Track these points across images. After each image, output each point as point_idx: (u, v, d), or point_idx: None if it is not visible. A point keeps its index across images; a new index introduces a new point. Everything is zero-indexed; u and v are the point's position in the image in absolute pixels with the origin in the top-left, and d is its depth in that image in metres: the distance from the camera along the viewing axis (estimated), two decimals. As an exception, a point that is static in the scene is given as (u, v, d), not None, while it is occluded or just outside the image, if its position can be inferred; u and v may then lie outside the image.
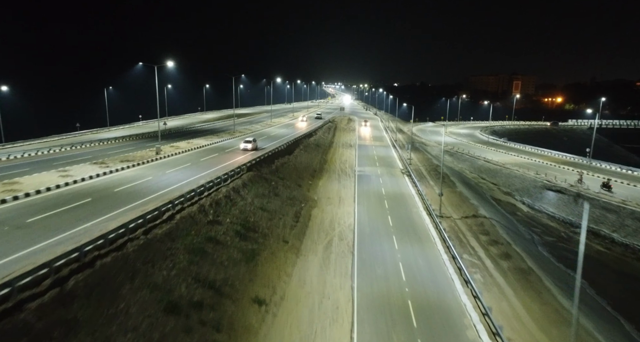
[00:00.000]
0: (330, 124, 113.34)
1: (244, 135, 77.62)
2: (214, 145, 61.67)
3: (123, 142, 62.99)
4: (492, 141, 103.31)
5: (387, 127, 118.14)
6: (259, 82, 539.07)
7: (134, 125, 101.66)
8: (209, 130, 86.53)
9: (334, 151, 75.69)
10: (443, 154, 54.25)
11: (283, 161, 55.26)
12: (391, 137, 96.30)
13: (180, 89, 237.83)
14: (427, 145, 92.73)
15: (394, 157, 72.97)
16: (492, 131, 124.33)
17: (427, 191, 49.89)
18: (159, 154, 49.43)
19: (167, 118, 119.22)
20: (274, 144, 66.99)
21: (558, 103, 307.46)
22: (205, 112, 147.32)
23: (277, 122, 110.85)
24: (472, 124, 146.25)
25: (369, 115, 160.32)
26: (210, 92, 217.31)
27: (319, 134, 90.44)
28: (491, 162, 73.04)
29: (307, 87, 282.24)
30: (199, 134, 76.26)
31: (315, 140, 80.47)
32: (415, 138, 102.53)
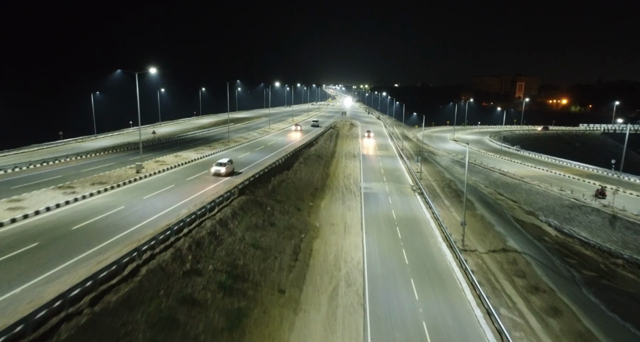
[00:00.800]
0: (332, 130, 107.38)
1: (239, 145, 71.77)
2: (205, 159, 55.76)
3: (104, 156, 57.06)
4: (505, 149, 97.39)
5: (392, 133, 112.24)
6: (259, 84, 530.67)
7: (124, 131, 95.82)
8: (201, 139, 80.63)
9: (336, 163, 69.76)
10: (466, 180, 48.04)
11: (281, 179, 49.34)
12: (397, 145, 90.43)
13: (177, 93, 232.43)
14: (436, 154, 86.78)
15: (402, 170, 66.98)
16: (502, 137, 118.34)
17: (443, 214, 43.94)
18: (139, 173, 43.52)
19: (159, 124, 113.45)
20: (271, 157, 61.20)
21: (563, 105, 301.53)
22: (201, 116, 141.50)
23: (275, 128, 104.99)
24: (479, 129, 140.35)
25: (371, 120, 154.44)
26: (207, 96, 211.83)
27: (320, 143, 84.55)
28: (508, 175, 67.12)
29: (307, 89, 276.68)
30: (190, 145, 70.33)
31: (317, 151, 74.55)
32: (420, 145, 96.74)
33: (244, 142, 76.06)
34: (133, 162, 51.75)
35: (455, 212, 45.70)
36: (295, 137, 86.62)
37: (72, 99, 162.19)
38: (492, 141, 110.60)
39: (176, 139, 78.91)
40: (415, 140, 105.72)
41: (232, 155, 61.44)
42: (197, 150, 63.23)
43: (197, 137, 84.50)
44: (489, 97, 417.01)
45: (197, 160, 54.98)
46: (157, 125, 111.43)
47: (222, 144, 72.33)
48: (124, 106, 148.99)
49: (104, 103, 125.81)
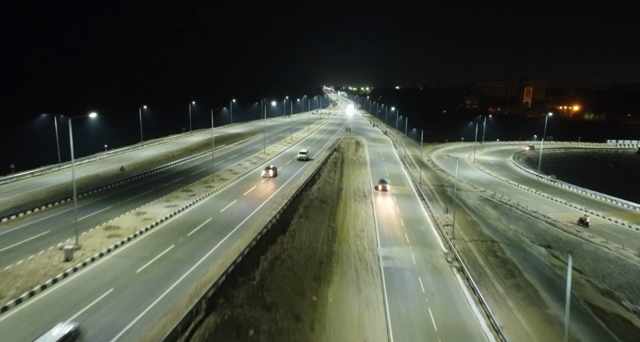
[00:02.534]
0: (336, 154, 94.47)
1: (226, 185, 58.66)
2: (177, 219, 42.91)
3: (44, 213, 43.89)
4: (536, 178, 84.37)
5: (404, 157, 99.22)
6: (258, 89, 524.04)
7: (97, 157, 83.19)
8: (182, 173, 67.64)
9: (344, 209, 56.81)
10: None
11: (273, 255, 36.39)
12: (413, 176, 77.40)
13: (167, 105, 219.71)
14: (460, 188, 73.73)
15: (427, 221, 53.78)
16: (526, 159, 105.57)
17: (502, 316, 30.98)
18: (69, 261, 30.61)
19: (140, 146, 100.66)
20: (264, 206, 48.31)
21: (575, 112, 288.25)
22: (191, 132, 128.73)
23: (272, 152, 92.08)
24: (497, 146, 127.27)
25: (377, 135, 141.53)
26: (201, 107, 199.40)
27: (324, 176, 71.64)
28: (557, 225, 54.20)
29: (307, 99, 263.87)
30: (164, 186, 57.36)
31: (320, 191, 61.62)
32: (439, 174, 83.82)
33: (233, 179, 63.15)
34: (85, 223, 39.02)
35: (516, 309, 32.73)
36: (289, 173, 73.58)
37: (27, 119, 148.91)
38: (518, 165, 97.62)
39: (150, 174, 65.92)
40: (431, 166, 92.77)
41: (215, 206, 48.59)
42: (171, 199, 50.28)
43: (177, 169, 71.50)
44: (494, 101, 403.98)
45: (165, 221, 42.09)
46: (137, 147, 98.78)
47: (205, 184, 59.39)
48: (100, 126, 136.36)
49: (79, 126, 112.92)
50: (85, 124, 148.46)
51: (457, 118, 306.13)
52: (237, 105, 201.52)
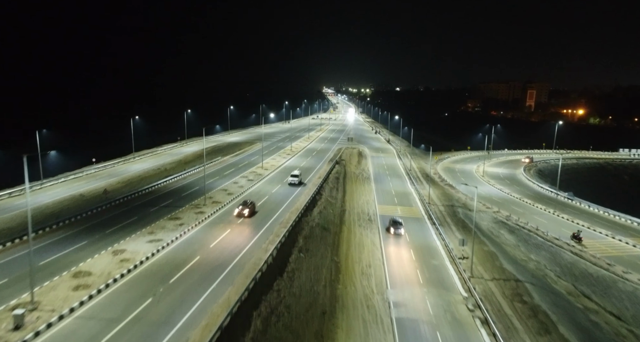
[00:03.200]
0: (338, 168, 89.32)
1: (217, 209, 53.01)
2: (159, 258, 37.67)
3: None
4: (551, 195, 79.15)
5: (409, 170, 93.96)
6: (258, 91, 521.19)
7: (84, 172, 78.17)
8: (172, 194, 62.38)
9: (348, 238, 51.62)
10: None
11: (268, 308, 31.21)
12: (420, 195, 72.12)
13: (169, 109, 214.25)
14: (471, 208, 68.52)
15: (440, 253, 48.35)
16: (537, 171, 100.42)
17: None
18: (19, 329, 25.29)
19: (132, 157, 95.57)
20: (260, 237, 43.11)
21: (580, 116, 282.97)
22: (186, 142, 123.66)
23: (270, 166, 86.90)
24: (506, 156, 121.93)
25: (380, 144, 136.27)
26: (200, 113, 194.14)
27: (325, 196, 66.53)
28: (585, 256, 48.98)
29: (308, 104, 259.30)
30: (150, 210, 52.24)
31: (322, 215, 56.49)
32: (448, 191, 78.63)
33: (227, 202, 57.92)
34: (52, 268, 33.86)
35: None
36: (277, 205, 68.39)
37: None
38: (530, 179, 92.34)
39: (137, 195, 60.69)
40: (438, 181, 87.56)
41: (205, 239, 43.38)
42: (156, 229, 45.06)
43: (167, 188, 66.22)
44: (496, 104, 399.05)
45: (146, 261, 36.87)
46: (129, 159, 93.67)
47: (195, 208, 54.18)
48: (85, 137, 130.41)
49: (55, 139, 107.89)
50: (75, 135, 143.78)
51: (459, 121, 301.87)
52: (236, 110, 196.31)
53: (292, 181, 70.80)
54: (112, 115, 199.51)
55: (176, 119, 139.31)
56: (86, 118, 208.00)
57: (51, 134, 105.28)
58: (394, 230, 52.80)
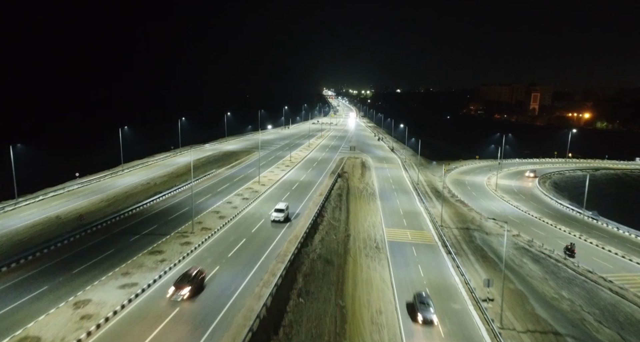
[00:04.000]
0: (340, 182, 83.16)
1: (206, 237, 45.72)
2: (129, 312, 31.37)
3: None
4: (574, 215, 72.81)
5: (417, 184, 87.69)
6: (258, 92, 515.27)
7: (66, 188, 72.06)
8: (157, 216, 56.11)
9: (354, 272, 45.40)
10: None
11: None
12: (431, 215, 65.87)
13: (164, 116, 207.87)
14: (486, 230, 62.33)
15: (460, 293, 42.07)
16: (553, 184, 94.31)
17: None
18: None
19: (121, 171, 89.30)
20: (254, 274, 36.73)
21: (586, 120, 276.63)
22: (180, 151, 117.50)
23: (267, 180, 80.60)
24: (517, 166, 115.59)
25: (384, 153, 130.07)
26: (197, 122, 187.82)
27: (328, 217, 60.43)
28: (627, 297, 42.76)
29: (308, 108, 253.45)
30: (130, 239, 46.04)
31: (324, 243, 50.37)
32: (460, 210, 72.47)
33: (218, 228, 51.72)
34: None
35: None
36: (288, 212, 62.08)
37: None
38: (547, 194, 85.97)
39: (118, 219, 54.46)
40: (448, 196, 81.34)
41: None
42: (132, 268, 38.87)
43: (153, 209, 60.03)
44: (499, 107, 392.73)
45: (113, 318, 30.61)
46: (117, 172, 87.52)
47: (182, 237, 47.98)
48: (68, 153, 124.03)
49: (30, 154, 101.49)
50: (61, 147, 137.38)
51: (463, 125, 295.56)
52: (235, 115, 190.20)
53: (275, 217, 55.38)
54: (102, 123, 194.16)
55: (173, 125, 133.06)
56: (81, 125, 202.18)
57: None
58: (422, 317, 35.05)
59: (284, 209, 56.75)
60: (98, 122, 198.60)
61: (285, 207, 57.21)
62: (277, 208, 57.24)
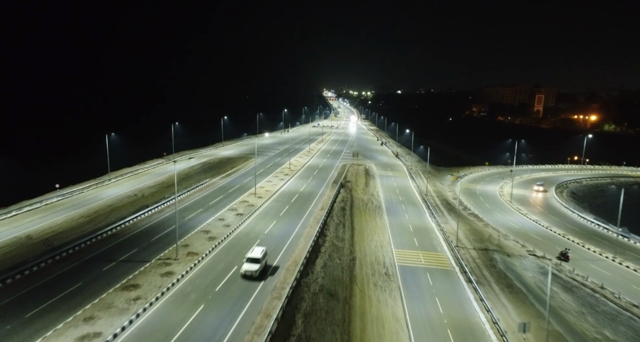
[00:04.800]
0: (343, 193, 76.97)
1: (192, 265, 38.08)
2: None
3: None
4: (601, 231, 66.44)
5: (425, 195, 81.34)
6: (257, 94, 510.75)
7: (43, 202, 65.92)
8: (138, 237, 49.69)
9: (362, 308, 39.15)
10: None
11: None
12: (445, 235, 59.47)
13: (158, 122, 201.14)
14: (507, 251, 56.02)
15: (488, 336, 35.98)
16: (570, 193, 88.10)
17: None
18: None
19: (107, 179, 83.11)
20: (241, 322, 30.49)
21: (592, 122, 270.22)
22: (174, 157, 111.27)
23: (264, 192, 74.30)
24: (529, 173, 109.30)
25: (388, 159, 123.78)
26: (194, 124, 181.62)
27: (330, 237, 54.21)
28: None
29: (308, 111, 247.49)
30: (103, 268, 39.57)
31: (327, 270, 44.15)
32: (477, 226, 66.26)
33: (207, 252, 45.48)
34: None
35: None
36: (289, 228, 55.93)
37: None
38: (566, 206, 79.58)
39: (92, 242, 48.19)
40: (461, 210, 75.10)
41: (167, 325, 30.82)
42: (98, 311, 32.60)
43: (136, 228, 53.67)
44: (503, 109, 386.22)
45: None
46: (103, 181, 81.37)
47: (164, 265, 41.72)
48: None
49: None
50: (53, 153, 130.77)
51: (467, 127, 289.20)
52: (233, 117, 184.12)
53: (247, 270, 39.40)
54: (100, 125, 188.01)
55: (167, 129, 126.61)
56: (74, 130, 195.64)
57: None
58: None
59: (259, 259, 40.26)
60: (87, 125, 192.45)
61: (261, 255, 40.96)
62: (250, 257, 40.48)
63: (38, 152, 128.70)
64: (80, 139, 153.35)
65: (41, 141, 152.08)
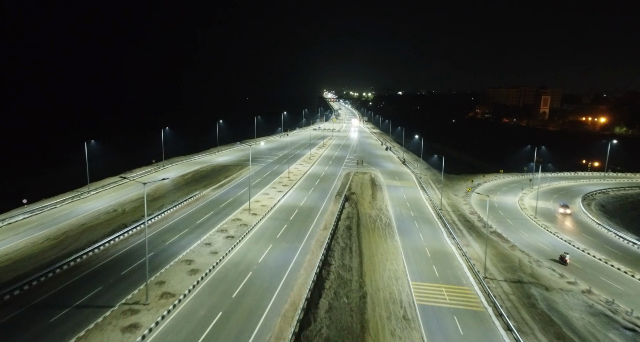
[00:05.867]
0: (348, 208, 68.64)
1: (162, 316, 31.60)
2: None
3: None
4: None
5: (440, 209, 72.83)
6: (258, 96, 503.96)
7: (5, 221, 57.57)
8: (107, 269, 41.25)
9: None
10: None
11: None
12: (470, 262, 50.98)
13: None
14: (541, 280, 47.53)
15: None
16: (599, 206, 79.73)
17: None
18: None
19: (87, 191, 74.77)
20: None
21: (602, 124, 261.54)
22: (164, 164, 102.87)
23: (260, 207, 65.77)
24: (549, 182, 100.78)
25: (395, 167, 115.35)
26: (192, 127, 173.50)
27: (335, 266, 45.92)
28: None
29: (309, 113, 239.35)
30: (50, 318, 31.05)
31: (332, 314, 35.90)
32: (504, 249, 57.86)
33: (186, 291, 37.06)
34: None
35: None
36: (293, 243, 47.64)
37: None
38: (599, 222, 70.88)
39: (47, 277, 39.80)
40: (480, 227, 66.70)
41: None
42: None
43: (104, 257, 45.01)
44: (507, 111, 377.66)
45: None
46: (82, 194, 73.11)
47: (129, 312, 33.31)
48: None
49: None
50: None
51: (472, 129, 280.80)
52: (231, 120, 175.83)
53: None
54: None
55: (157, 134, 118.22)
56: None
57: None
58: None
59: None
60: (72, 130, 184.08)
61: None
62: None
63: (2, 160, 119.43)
64: (65, 145, 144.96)
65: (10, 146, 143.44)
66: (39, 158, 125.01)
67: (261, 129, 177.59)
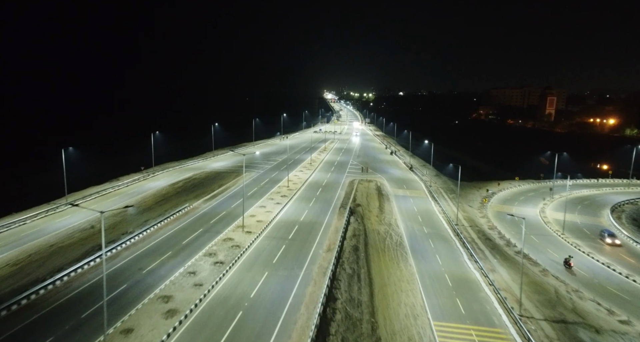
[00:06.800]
0: (354, 223, 61.25)
1: None
2: None
3: None
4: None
5: (456, 225, 65.29)
6: (258, 96, 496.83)
7: None
8: (67, 310, 33.83)
9: None
10: None
11: None
12: (500, 294, 43.46)
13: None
14: (586, 318, 40.08)
15: None
16: (631, 219, 72.36)
17: None
18: None
19: (64, 202, 67.36)
20: None
21: (610, 126, 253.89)
22: (154, 172, 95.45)
23: (256, 223, 58.29)
24: (569, 191, 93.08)
25: (401, 173, 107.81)
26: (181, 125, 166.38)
27: (342, 301, 38.78)
28: None
29: (310, 116, 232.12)
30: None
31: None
32: (537, 277, 50.48)
33: (160, 339, 29.76)
34: None
35: None
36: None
37: None
38: (637, 240, 63.47)
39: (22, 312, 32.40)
40: (503, 245, 59.25)
41: None
42: None
43: (67, 293, 37.50)
44: (511, 112, 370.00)
45: None
46: (57, 207, 65.77)
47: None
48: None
49: None
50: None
51: (477, 131, 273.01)
52: (230, 122, 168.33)
53: None
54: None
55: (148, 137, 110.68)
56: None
57: None
58: None
59: None
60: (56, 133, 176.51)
61: None
62: None
63: None
64: (53, 148, 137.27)
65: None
66: (22, 162, 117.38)
67: (260, 131, 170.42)
